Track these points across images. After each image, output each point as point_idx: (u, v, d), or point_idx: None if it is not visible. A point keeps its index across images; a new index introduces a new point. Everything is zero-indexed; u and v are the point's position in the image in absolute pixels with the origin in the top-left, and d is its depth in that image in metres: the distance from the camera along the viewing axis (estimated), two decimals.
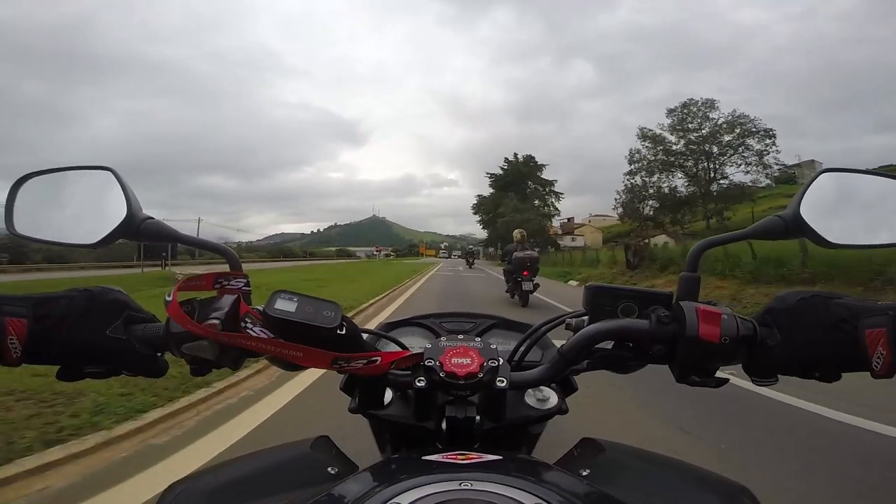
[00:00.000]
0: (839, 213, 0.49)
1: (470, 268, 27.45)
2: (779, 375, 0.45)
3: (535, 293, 7.49)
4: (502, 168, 53.87)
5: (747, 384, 0.49)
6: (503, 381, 0.45)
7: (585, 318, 0.52)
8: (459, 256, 47.94)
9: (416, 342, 0.64)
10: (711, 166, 29.77)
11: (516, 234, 8.15)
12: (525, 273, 7.29)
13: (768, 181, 29.63)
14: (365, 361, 0.43)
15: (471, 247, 60.24)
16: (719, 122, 28.84)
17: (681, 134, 29.95)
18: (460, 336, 0.51)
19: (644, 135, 31.54)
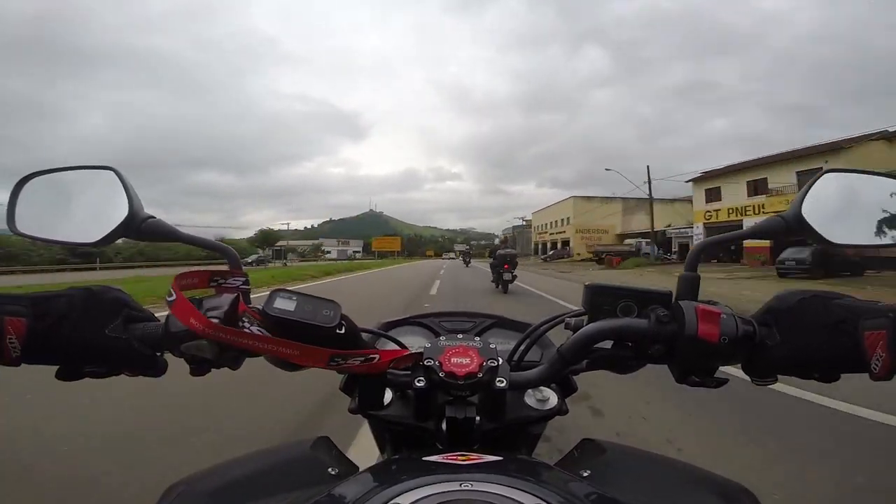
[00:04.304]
0: (841, 213, 0.49)
1: (466, 266, 27.30)
2: (778, 375, 0.44)
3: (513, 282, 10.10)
4: None
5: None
6: (502, 381, 0.45)
7: (585, 317, 0.52)
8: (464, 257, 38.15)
9: (415, 341, 0.64)
10: None
11: (501, 235, 13.06)
12: (506, 266, 9.70)
13: None
14: (362, 359, 0.42)
15: (467, 246, 57.51)
16: None
17: None
18: (460, 335, 0.51)
19: None
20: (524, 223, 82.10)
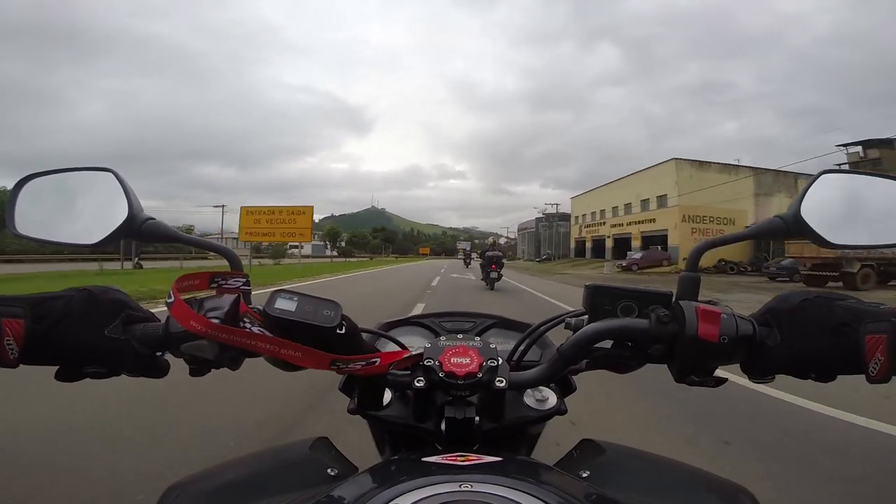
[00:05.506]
0: (839, 214, 0.49)
1: (466, 267, 25.56)
2: (776, 375, 0.45)
3: (499, 280, 11.73)
4: None
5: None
6: (502, 381, 0.45)
7: (585, 317, 0.52)
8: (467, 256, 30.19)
9: (415, 342, 0.64)
10: None
11: (489, 240, 13.69)
12: (493, 267, 11.37)
13: None
14: (364, 363, 0.42)
15: (469, 245, 48.70)
16: None
17: None
18: (460, 336, 0.51)
19: None
20: (543, 216, 63.26)
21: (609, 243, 39.02)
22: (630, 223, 36.39)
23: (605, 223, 41.09)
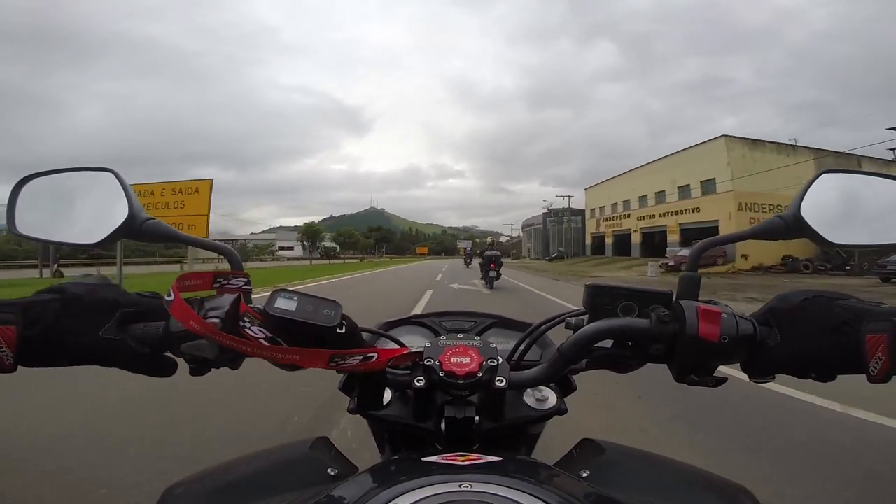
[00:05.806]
0: (839, 214, 0.49)
1: (467, 267, 23.83)
2: (776, 375, 0.45)
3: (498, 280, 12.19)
4: None
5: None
6: (502, 381, 0.45)
7: (585, 317, 0.52)
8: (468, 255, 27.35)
9: (415, 341, 0.64)
10: None
11: (488, 239, 14.31)
12: (492, 266, 11.86)
13: None
14: (361, 358, 0.42)
15: (470, 244, 46.12)
16: None
17: None
18: (460, 335, 0.51)
19: None
20: (550, 211, 58.80)
21: (636, 238, 33.26)
22: (664, 214, 29.96)
23: (629, 215, 34.52)
